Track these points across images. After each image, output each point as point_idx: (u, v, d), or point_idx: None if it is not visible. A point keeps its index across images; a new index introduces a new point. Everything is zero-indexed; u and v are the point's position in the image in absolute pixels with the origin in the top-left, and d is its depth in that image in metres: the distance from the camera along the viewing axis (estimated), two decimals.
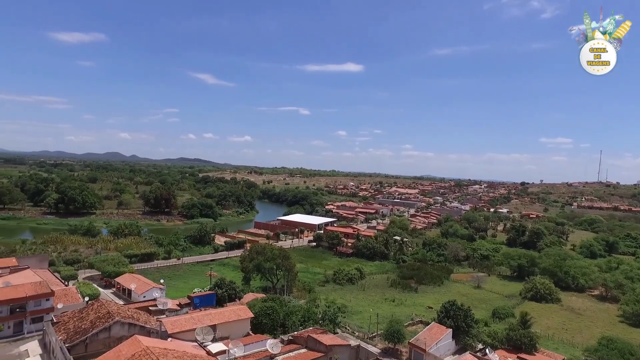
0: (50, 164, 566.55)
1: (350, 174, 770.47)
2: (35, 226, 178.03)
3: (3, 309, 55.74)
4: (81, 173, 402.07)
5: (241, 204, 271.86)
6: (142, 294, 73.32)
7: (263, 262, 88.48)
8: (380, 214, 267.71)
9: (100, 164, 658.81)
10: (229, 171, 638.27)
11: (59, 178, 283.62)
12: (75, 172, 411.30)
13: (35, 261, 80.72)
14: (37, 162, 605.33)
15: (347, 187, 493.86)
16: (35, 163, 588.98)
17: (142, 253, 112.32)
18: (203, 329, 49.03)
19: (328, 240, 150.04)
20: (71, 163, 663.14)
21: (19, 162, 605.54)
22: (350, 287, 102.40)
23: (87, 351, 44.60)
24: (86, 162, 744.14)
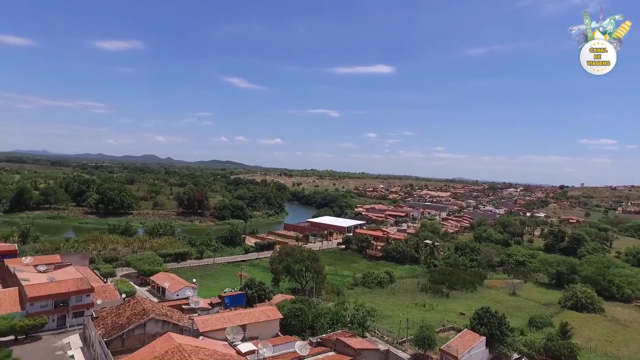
0: (91, 166, 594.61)
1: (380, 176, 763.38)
2: (77, 225, 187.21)
3: (48, 303, 58.90)
4: (120, 175, 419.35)
5: (271, 205, 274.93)
6: (175, 292, 75.43)
7: (292, 263, 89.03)
8: (410, 217, 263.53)
9: (138, 166, 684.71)
10: (259, 173, 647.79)
11: (99, 179, 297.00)
12: (114, 174, 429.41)
13: (77, 258, 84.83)
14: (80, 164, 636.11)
15: (377, 189, 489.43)
16: (78, 165, 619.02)
17: (176, 253, 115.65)
18: (233, 328, 49.81)
19: (357, 243, 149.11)
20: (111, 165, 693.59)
21: (63, 164, 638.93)
22: (379, 291, 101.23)
23: (124, 346, 46.29)
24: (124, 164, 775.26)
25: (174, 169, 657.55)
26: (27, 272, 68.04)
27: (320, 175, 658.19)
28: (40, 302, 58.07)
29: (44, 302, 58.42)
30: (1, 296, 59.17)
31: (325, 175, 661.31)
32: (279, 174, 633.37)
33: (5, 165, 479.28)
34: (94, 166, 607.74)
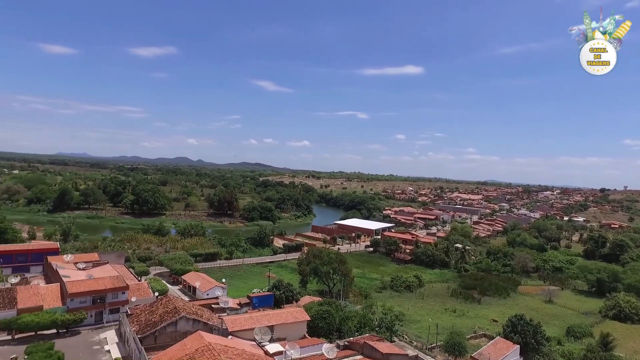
0: (127, 168, 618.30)
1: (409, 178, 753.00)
2: (114, 225, 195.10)
3: (87, 300, 61.58)
4: (154, 176, 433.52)
5: (299, 207, 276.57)
6: (205, 291, 77.03)
7: (320, 265, 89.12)
8: (440, 220, 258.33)
9: (170, 168, 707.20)
10: (287, 175, 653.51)
11: (134, 181, 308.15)
12: (148, 176, 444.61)
13: (113, 257, 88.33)
14: (117, 167, 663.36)
15: (406, 192, 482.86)
16: (115, 167, 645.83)
17: (206, 253, 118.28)
18: (261, 329, 50.32)
19: (385, 246, 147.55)
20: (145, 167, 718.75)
21: (102, 166, 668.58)
22: (408, 295, 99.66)
23: (156, 343, 47.65)
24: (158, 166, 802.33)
25: (205, 171, 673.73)
26: (68, 269, 71.50)
27: (348, 177, 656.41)
28: (79, 298, 60.81)
29: (83, 298, 61.14)
30: (44, 291, 62.40)
31: (353, 177, 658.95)
32: (307, 176, 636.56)
33: (50, 168, 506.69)
34: (130, 168, 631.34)
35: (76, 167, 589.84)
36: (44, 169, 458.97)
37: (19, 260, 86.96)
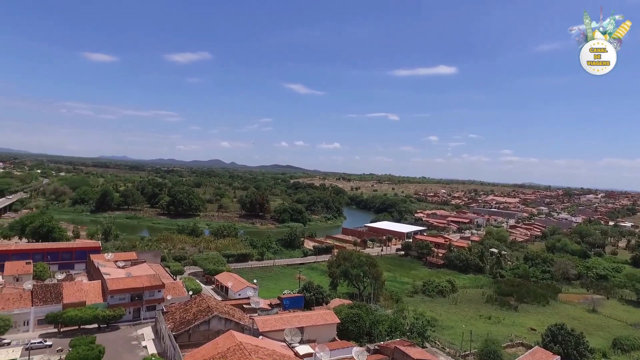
0: (164, 171, 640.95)
1: (441, 181, 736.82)
2: (151, 225, 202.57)
3: (125, 297, 64.24)
4: (188, 178, 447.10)
5: (329, 209, 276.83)
6: (237, 291, 78.43)
7: (350, 268, 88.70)
8: (474, 223, 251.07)
9: (204, 170, 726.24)
10: (318, 177, 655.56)
11: (170, 183, 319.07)
12: (183, 178, 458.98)
13: (150, 256, 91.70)
14: (154, 169, 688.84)
15: (438, 194, 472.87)
16: (153, 169, 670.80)
17: (238, 253, 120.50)
18: (292, 330, 50.60)
19: (417, 250, 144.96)
20: (180, 169, 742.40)
21: (140, 168, 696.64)
22: (440, 300, 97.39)
23: (190, 341, 48.93)
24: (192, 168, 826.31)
25: (238, 173, 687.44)
26: (109, 267, 74.89)
27: (378, 179, 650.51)
28: (119, 295, 63.55)
29: (122, 295, 63.84)
30: (87, 288, 65.61)
31: (384, 179, 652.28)
32: (337, 178, 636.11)
33: (92, 170, 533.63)
34: (166, 170, 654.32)
35: (117, 170, 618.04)
36: (88, 172, 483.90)
37: (65, 257, 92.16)
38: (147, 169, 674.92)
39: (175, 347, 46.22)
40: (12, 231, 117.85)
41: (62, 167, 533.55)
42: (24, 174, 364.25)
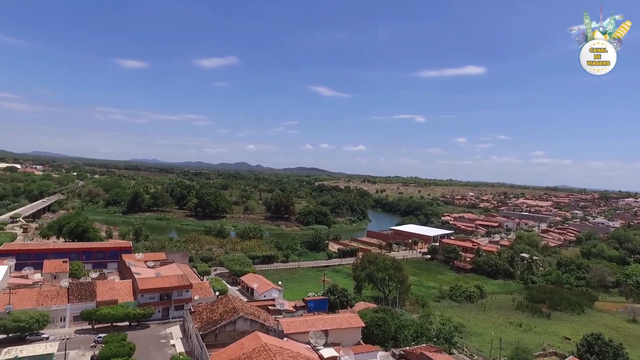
0: (192, 173, 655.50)
1: (469, 183, 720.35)
2: (179, 226, 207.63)
3: (155, 296, 66.01)
4: (215, 181, 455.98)
5: (354, 212, 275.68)
6: (262, 293, 79.19)
7: (375, 271, 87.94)
8: (504, 227, 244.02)
9: (231, 173, 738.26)
10: (343, 180, 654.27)
11: (198, 185, 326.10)
12: (211, 180, 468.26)
13: (179, 257, 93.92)
14: (183, 172, 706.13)
15: (466, 197, 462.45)
16: (181, 172, 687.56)
17: (264, 255, 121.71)
18: (316, 332, 50.53)
19: (444, 254, 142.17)
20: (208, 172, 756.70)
21: (169, 171, 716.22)
22: (468, 306, 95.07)
23: (216, 341, 49.68)
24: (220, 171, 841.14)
25: (263, 176, 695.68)
26: (139, 266, 77.24)
27: (404, 182, 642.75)
28: (149, 294, 65.38)
29: (151, 294, 65.66)
30: (119, 286, 67.88)
31: (410, 182, 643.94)
32: (362, 181, 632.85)
33: (125, 173, 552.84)
34: (194, 173, 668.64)
35: (147, 172, 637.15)
36: (120, 174, 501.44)
37: (98, 257, 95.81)
38: (176, 172, 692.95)
39: (202, 346, 47.06)
40: (50, 231, 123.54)
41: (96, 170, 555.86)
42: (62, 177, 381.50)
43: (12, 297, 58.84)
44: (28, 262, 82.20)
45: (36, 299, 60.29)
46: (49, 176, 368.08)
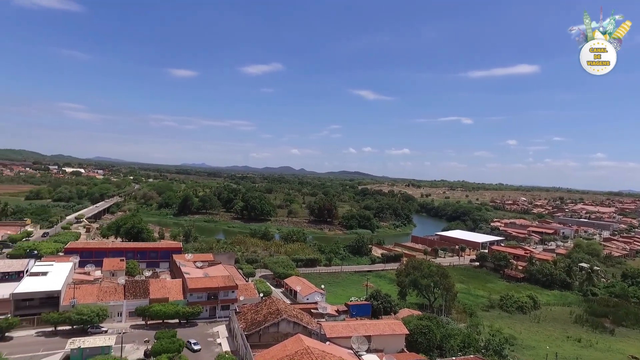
0: (238, 177, 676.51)
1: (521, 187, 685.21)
2: (226, 228, 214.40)
3: (203, 295, 68.57)
4: (260, 185, 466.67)
5: (398, 217, 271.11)
6: (305, 296, 79.75)
7: (420, 278, 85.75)
8: (560, 235, 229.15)
9: (275, 177, 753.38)
10: (386, 184, 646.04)
11: (244, 189, 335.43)
12: (256, 184, 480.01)
13: (225, 258, 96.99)
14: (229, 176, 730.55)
15: (518, 202, 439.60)
16: (228, 176, 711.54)
17: (307, 258, 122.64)
18: (359, 338, 50.11)
19: (494, 261, 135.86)
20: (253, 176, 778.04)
21: (217, 175, 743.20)
22: (520, 317, 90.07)
23: (260, 341, 50.69)
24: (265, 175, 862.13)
25: (307, 180, 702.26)
26: (188, 267, 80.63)
27: (451, 186, 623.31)
28: (197, 294, 68.06)
29: (200, 294, 68.29)
30: (170, 285, 71.22)
31: (457, 186, 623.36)
32: (406, 185, 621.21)
33: (176, 177, 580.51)
34: (240, 177, 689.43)
35: (196, 176, 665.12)
36: (172, 178, 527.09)
37: (151, 256, 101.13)
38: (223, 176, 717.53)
39: (247, 346, 48.18)
40: (109, 231, 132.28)
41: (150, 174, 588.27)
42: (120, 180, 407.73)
43: (76, 292, 63.59)
44: (90, 259, 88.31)
45: (97, 294, 64.70)
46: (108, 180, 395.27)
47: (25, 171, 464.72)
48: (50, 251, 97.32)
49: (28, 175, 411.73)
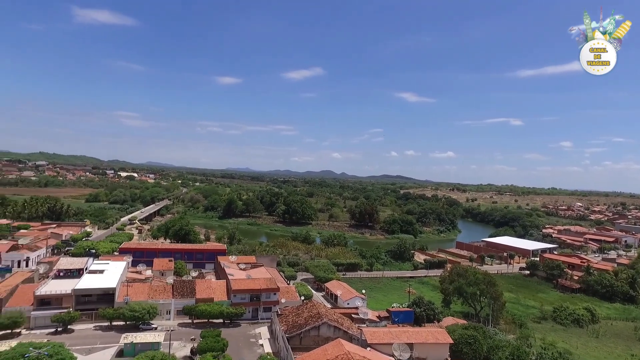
0: (280, 181, 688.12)
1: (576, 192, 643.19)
2: (268, 231, 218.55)
3: (246, 297, 70.19)
4: (302, 189, 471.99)
5: (442, 222, 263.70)
6: (346, 300, 79.38)
7: (465, 285, 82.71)
8: (622, 243, 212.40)
9: (316, 181, 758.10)
10: (430, 188, 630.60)
11: (285, 193, 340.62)
12: (297, 188, 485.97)
13: (267, 260, 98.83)
14: (272, 180, 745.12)
15: (573, 208, 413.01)
16: (270, 180, 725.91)
17: (348, 263, 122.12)
18: (400, 345, 49.09)
19: (546, 270, 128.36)
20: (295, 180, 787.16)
21: (260, 179, 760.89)
22: (576, 331, 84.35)
23: (301, 344, 51.06)
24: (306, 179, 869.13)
25: (348, 184, 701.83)
26: (232, 268, 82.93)
27: (498, 190, 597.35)
28: (240, 295, 69.78)
29: (243, 295, 69.97)
30: (215, 286, 73.58)
31: (505, 190, 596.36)
32: (451, 189, 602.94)
33: (221, 181, 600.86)
34: (282, 181, 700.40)
35: (240, 180, 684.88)
36: (217, 182, 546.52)
37: (198, 257, 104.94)
38: (265, 180, 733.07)
39: (288, 349, 48.70)
40: (159, 232, 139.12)
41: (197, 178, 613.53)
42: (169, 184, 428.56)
43: (129, 290, 67.33)
44: (141, 259, 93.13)
45: (147, 293, 68.11)
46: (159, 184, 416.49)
47: (86, 175, 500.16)
48: (107, 251, 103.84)
49: (88, 179, 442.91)
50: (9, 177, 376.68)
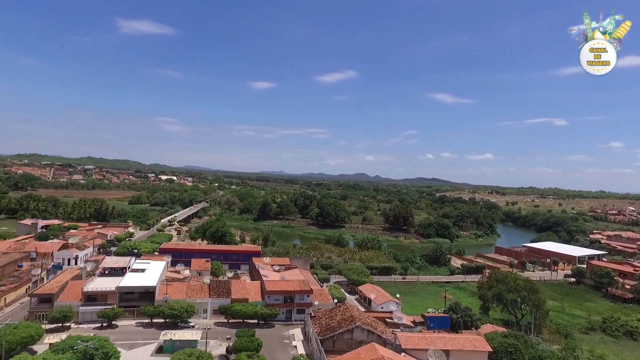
0: (314, 184, 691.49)
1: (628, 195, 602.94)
2: (302, 234, 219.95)
3: (279, 298, 70.87)
4: (335, 191, 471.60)
5: (480, 226, 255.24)
6: (380, 304, 78.42)
7: (505, 292, 79.49)
8: None
9: (350, 183, 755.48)
10: (467, 191, 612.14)
11: (319, 195, 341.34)
12: (331, 191, 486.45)
13: (301, 263, 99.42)
14: (305, 182, 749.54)
15: (624, 212, 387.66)
16: (304, 183, 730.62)
17: (381, 266, 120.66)
18: (436, 351, 47.87)
19: (593, 278, 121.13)
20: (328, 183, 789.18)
21: (293, 182, 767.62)
22: (628, 343, 78.96)
23: (334, 347, 50.88)
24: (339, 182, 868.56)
25: (382, 186, 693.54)
26: (266, 269, 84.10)
27: (541, 193, 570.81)
28: (274, 296, 70.55)
29: (277, 296, 70.70)
30: (250, 287, 74.83)
31: (548, 193, 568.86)
32: (489, 192, 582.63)
33: (255, 184, 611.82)
34: (316, 184, 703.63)
35: (274, 183, 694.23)
36: (252, 185, 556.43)
37: (233, 258, 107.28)
38: (299, 183, 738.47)
39: (321, 351, 48.67)
40: (197, 233, 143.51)
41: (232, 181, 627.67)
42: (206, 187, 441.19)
43: (168, 288, 69.77)
44: (180, 259, 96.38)
45: (185, 292, 70.31)
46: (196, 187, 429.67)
47: (129, 179, 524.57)
48: (148, 251, 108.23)
49: (131, 182, 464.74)
50: (61, 180, 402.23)
